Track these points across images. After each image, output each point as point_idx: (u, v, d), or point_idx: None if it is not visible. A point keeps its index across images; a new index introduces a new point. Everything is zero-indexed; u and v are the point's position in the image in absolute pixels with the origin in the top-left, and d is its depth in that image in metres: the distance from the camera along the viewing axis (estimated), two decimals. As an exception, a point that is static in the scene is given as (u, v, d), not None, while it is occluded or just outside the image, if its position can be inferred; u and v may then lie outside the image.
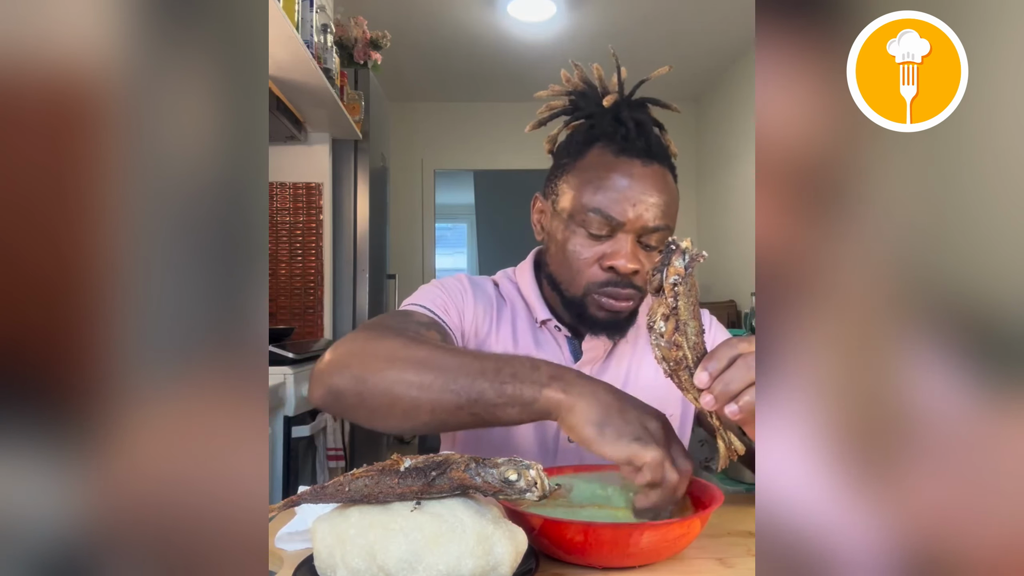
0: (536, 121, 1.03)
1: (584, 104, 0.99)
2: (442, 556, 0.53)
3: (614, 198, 0.90)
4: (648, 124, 0.96)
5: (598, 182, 0.92)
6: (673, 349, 0.66)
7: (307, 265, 2.90)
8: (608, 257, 0.91)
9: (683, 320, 0.66)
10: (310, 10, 2.19)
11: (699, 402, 0.66)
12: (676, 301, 0.65)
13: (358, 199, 3.04)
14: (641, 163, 0.92)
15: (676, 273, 0.65)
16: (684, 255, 0.65)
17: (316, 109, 2.58)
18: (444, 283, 1.03)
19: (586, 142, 0.96)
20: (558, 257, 0.97)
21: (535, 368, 0.72)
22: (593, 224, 0.91)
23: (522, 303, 1.04)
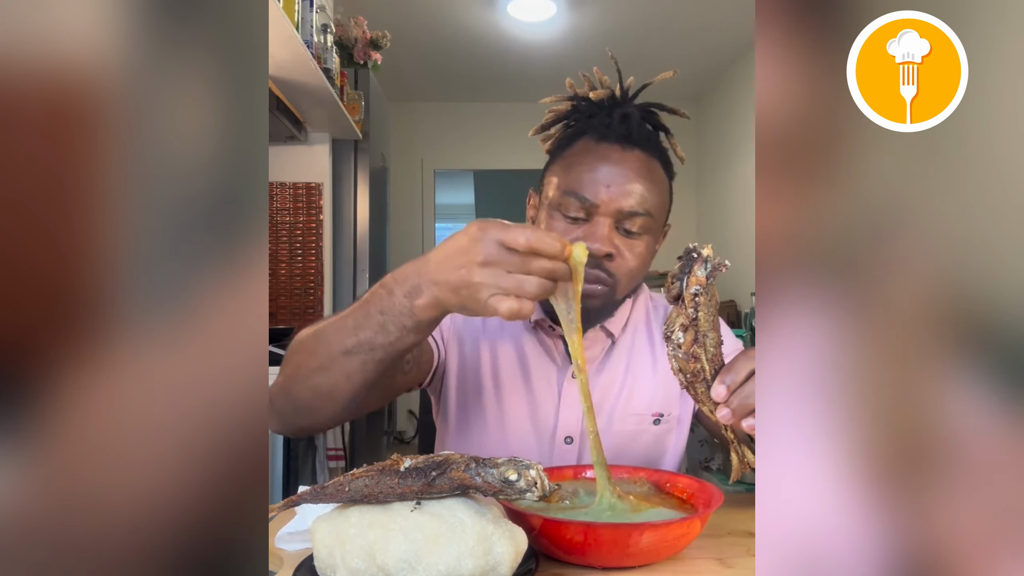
0: (540, 125, 1.03)
1: (586, 109, 0.99)
2: (442, 556, 0.53)
3: (589, 179, 0.90)
4: (635, 115, 0.95)
5: (578, 168, 0.92)
6: (691, 361, 0.64)
7: (307, 265, 2.90)
8: (583, 239, 0.90)
9: (703, 332, 0.63)
10: (310, 10, 2.19)
11: (715, 415, 0.64)
12: (696, 312, 0.63)
13: (358, 199, 3.04)
14: (621, 148, 0.92)
15: (698, 283, 0.62)
16: (706, 264, 0.63)
17: (316, 109, 2.58)
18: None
19: (575, 135, 0.97)
20: None
21: (391, 292, 0.72)
22: (571, 208, 0.91)
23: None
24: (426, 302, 0.69)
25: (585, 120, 0.98)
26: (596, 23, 3.67)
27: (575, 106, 1.00)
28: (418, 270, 0.71)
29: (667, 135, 1.00)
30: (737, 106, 4.25)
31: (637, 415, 1.01)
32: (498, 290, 0.65)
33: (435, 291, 0.69)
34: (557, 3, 3.47)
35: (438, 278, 0.69)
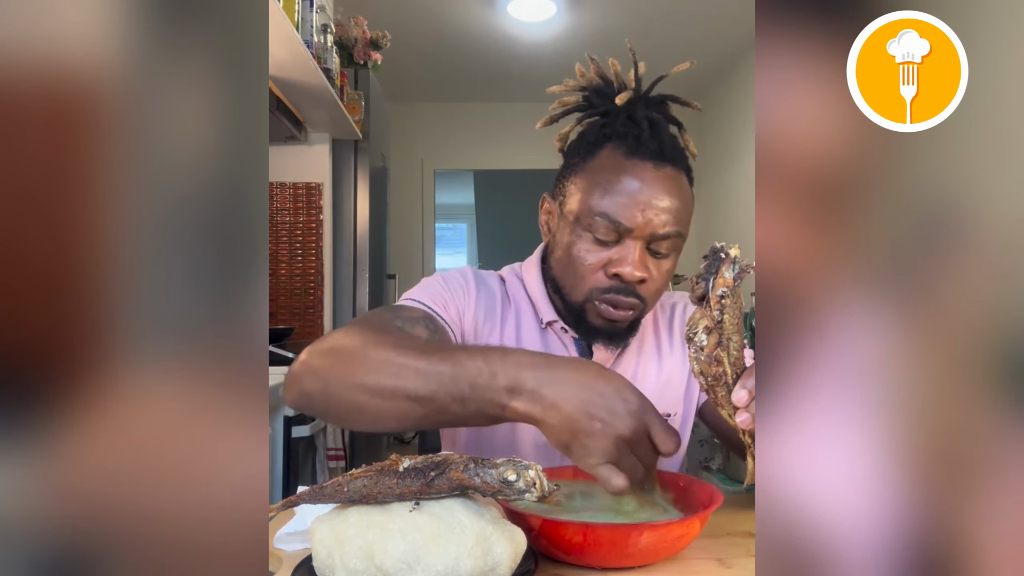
0: (548, 118, 0.99)
1: (598, 101, 0.95)
2: (440, 556, 0.53)
3: (623, 203, 0.86)
4: (662, 124, 0.92)
5: (607, 185, 0.88)
6: (713, 364, 0.62)
7: (307, 265, 2.90)
8: (614, 264, 0.88)
9: (727, 334, 0.61)
10: (310, 10, 2.19)
11: (734, 419, 0.63)
12: (722, 315, 0.61)
13: (358, 199, 3.04)
14: (653, 166, 0.88)
15: (725, 285, 0.60)
16: (734, 265, 0.60)
17: (316, 109, 2.58)
18: (447, 277, 0.99)
19: (597, 142, 0.92)
20: (563, 261, 0.93)
21: (492, 376, 0.67)
22: (600, 229, 0.87)
23: (527, 302, 1.01)
24: (525, 410, 0.65)
25: (602, 120, 0.94)
26: (596, 23, 3.67)
27: (587, 97, 0.95)
28: (536, 375, 0.66)
29: (680, 129, 0.96)
30: (737, 106, 4.25)
31: None
32: (612, 462, 0.64)
33: (542, 411, 0.64)
34: (557, 3, 3.47)
35: (560, 405, 0.64)
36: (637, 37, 4.08)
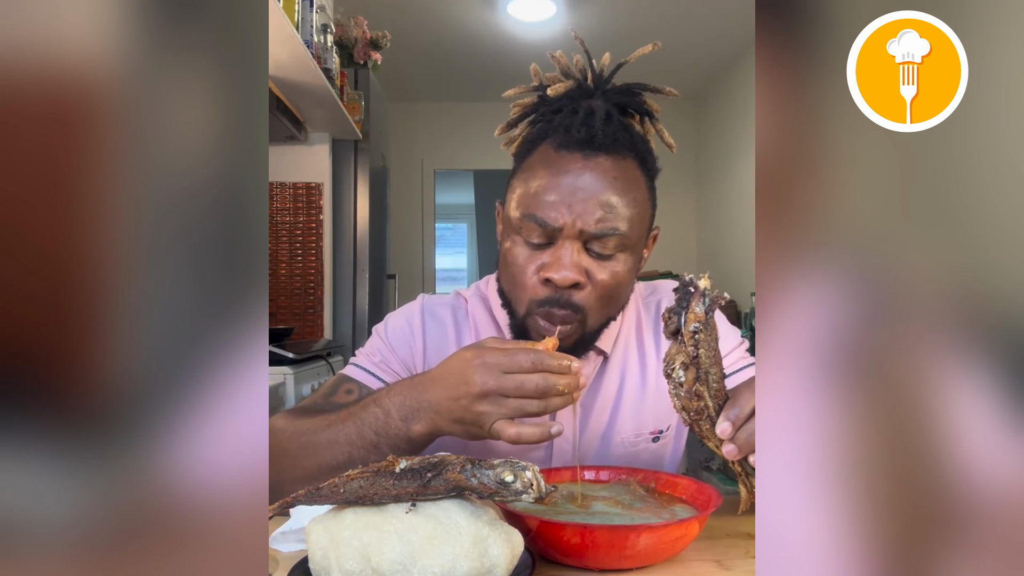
0: (505, 123, 0.92)
1: (551, 101, 0.88)
2: (437, 558, 0.53)
3: (549, 201, 0.78)
4: (600, 112, 0.82)
5: (534, 182, 0.81)
6: (694, 399, 0.61)
7: (307, 265, 2.90)
8: (546, 268, 0.80)
9: (704, 368, 0.61)
10: (310, 10, 2.19)
11: (720, 451, 0.63)
12: (697, 349, 0.60)
13: (358, 199, 3.04)
14: (582, 156, 0.79)
15: (697, 320, 0.59)
16: (704, 298, 0.59)
17: (316, 109, 2.58)
18: (391, 328, 0.95)
19: (534, 140, 0.85)
20: (505, 271, 0.86)
21: (387, 414, 0.71)
22: (531, 232, 0.80)
23: (490, 321, 0.95)
24: (425, 430, 0.69)
25: (549, 117, 0.86)
26: (596, 23, 3.67)
27: (541, 97, 0.88)
28: (416, 396, 0.70)
29: (652, 120, 0.89)
30: (737, 106, 4.25)
31: (635, 436, 0.95)
32: (500, 416, 0.66)
33: (435, 419, 0.68)
34: (557, 3, 3.47)
35: (438, 407, 0.68)
36: (637, 37, 4.06)
